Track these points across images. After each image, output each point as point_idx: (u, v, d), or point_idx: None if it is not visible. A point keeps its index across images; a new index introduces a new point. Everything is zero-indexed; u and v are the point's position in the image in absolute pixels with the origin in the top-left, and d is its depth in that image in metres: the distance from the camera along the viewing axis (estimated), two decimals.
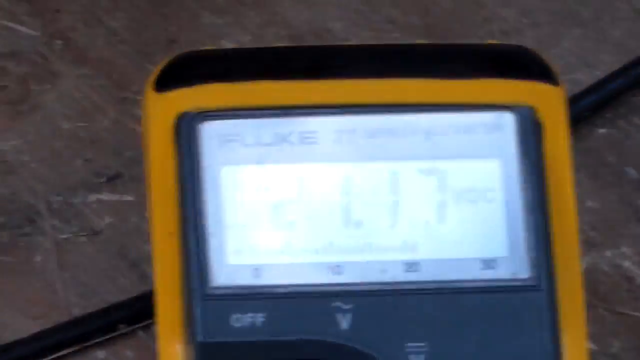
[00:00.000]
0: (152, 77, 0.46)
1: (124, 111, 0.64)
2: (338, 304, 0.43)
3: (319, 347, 0.43)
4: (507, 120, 0.45)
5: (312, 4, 0.69)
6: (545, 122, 0.46)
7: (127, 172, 0.62)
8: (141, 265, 0.57)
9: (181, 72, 0.46)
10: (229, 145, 0.44)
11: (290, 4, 0.70)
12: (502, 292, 0.44)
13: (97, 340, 0.59)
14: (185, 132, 0.44)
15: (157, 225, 0.45)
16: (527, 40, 0.67)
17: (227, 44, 0.67)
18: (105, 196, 0.61)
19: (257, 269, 0.43)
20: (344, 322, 0.43)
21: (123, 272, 0.60)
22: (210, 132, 0.44)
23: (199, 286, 0.43)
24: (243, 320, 0.43)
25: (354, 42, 0.67)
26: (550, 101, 0.46)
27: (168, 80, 0.45)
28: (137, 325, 0.59)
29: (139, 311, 0.58)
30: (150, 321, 0.57)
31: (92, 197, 0.61)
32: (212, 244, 0.44)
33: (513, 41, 0.66)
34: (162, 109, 0.45)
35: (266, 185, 0.44)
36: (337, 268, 0.44)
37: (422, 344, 0.43)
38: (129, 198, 0.61)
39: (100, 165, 0.61)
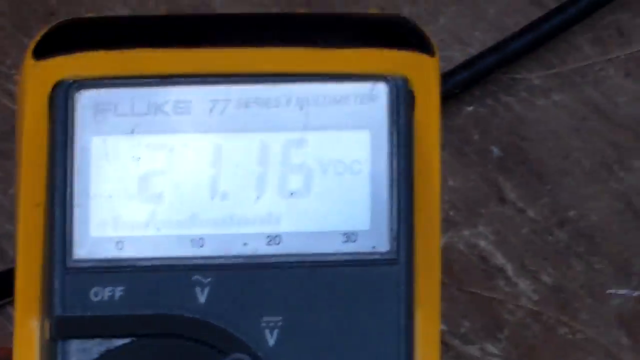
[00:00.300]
0: (31, 45, 0.45)
1: None
2: (197, 277, 0.44)
3: (175, 322, 0.43)
4: (380, 90, 0.45)
5: None
6: (417, 93, 0.45)
7: None
8: (1, 242, 0.57)
9: (60, 40, 0.45)
10: (103, 114, 0.44)
11: None
12: (361, 265, 0.44)
13: None
14: (59, 100, 0.44)
15: (24, 196, 0.45)
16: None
17: None
18: None
19: (119, 242, 0.44)
20: (202, 296, 0.43)
21: None
22: (85, 101, 0.44)
23: (60, 259, 0.43)
24: (102, 293, 0.43)
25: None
26: (424, 72, 0.46)
27: (47, 48, 0.45)
28: None
29: None
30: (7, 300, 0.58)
31: None
32: (77, 215, 0.43)
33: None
34: (38, 77, 0.45)
35: (136, 156, 0.44)
36: (199, 241, 0.44)
37: (278, 318, 0.43)
38: None
39: None
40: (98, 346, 0.43)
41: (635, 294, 0.61)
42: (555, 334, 0.63)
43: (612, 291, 0.62)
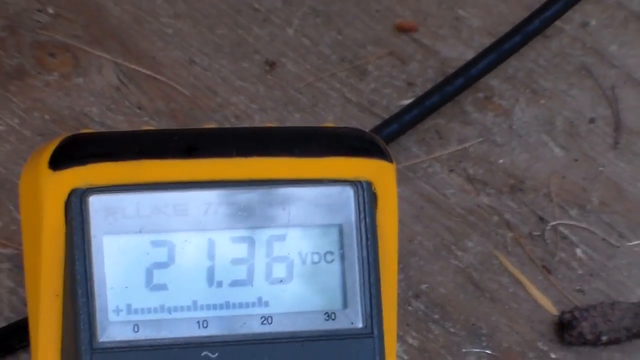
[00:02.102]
0: (45, 157, 0.48)
1: None
2: (206, 353, 0.48)
3: None
4: (349, 193, 0.50)
5: (69, 91, 0.71)
6: (379, 193, 0.50)
7: None
8: None
9: (72, 153, 0.48)
10: (113, 216, 0.48)
11: (50, 92, 0.71)
12: (341, 339, 0.49)
13: None
14: (75, 205, 0.48)
15: (44, 288, 0.48)
16: (256, 122, 0.71)
17: None
18: None
19: (135, 325, 0.48)
20: None
21: None
22: (97, 205, 0.48)
23: (87, 342, 0.47)
24: None
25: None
26: (384, 175, 0.50)
27: (60, 160, 0.48)
28: None
29: None
30: None
31: None
32: (97, 304, 0.47)
33: (246, 124, 0.71)
34: (55, 185, 0.48)
35: (142, 251, 0.48)
36: (204, 322, 0.48)
37: None
38: None
39: None
40: None
41: (487, 351, 0.65)
42: None
43: (467, 350, 0.65)
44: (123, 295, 0.49)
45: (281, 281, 0.50)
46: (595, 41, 0.78)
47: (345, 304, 0.50)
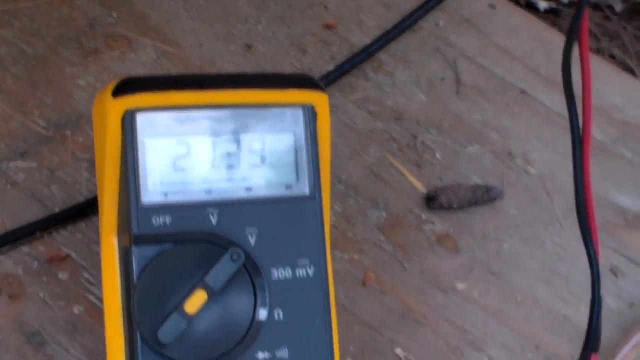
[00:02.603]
0: (109, 90, 0.46)
1: None
2: (210, 209, 0.46)
3: (198, 233, 0.46)
4: (299, 112, 0.48)
5: (125, 62, 0.69)
6: (318, 112, 0.48)
7: None
8: None
9: (127, 87, 0.46)
10: (151, 126, 0.46)
11: (113, 63, 0.70)
12: (296, 201, 0.47)
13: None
14: (127, 120, 0.46)
15: (108, 173, 0.47)
16: None
17: None
18: None
19: (165, 193, 0.46)
20: (214, 219, 0.46)
21: None
22: (141, 119, 0.46)
23: (135, 202, 0.45)
24: (159, 220, 0.45)
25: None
26: (321, 102, 0.49)
27: (119, 91, 0.46)
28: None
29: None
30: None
31: None
32: (141, 180, 0.45)
33: None
34: (115, 108, 0.46)
35: (170, 148, 0.46)
36: (209, 191, 0.46)
37: (255, 229, 0.46)
38: None
39: None
40: (153, 249, 0.45)
41: (384, 213, 0.63)
42: None
43: (370, 212, 0.63)
44: (157, 175, 0.46)
45: (257, 165, 0.48)
46: (443, 34, 0.75)
47: (297, 179, 0.48)
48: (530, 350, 0.59)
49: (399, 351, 0.58)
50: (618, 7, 1.14)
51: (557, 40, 0.77)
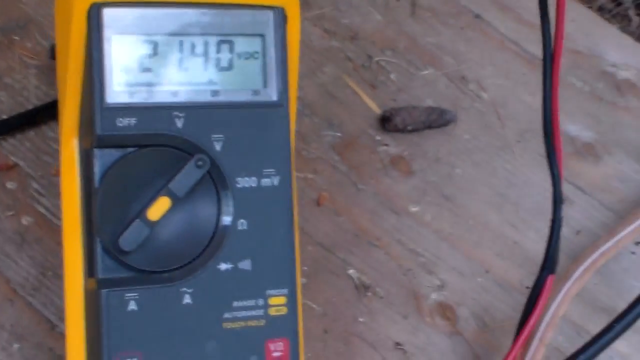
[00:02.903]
0: None
1: None
2: (176, 113, 0.44)
3: (164, 137, 0.44)
4: (269, 14, 0.46)
5: None
6: (288, 16, 0.47)
7: None
8: None
9: None
10: (119, 22, 0.44)
11: None
12: (264, 107, 0.46)
13: None
14: (93, 14, 0.44)
15: (71, 69, 0.45)
16: None
17: None
18: None
19: (131, 93, 0.44)
20: (180, 123, 0.44)
21: None
22: (108, 14, 0.44)
23: (99, 102, 0.43)
24: (123, 122, 0.43)
25: None
26: (292, 4, 0.47)
27: None
28: None
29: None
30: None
31: None
32: (106, 78, 0.44)
33: None
34: (81, 2, 0.44)
35: (136, 46, 0.44)
36: (175, 93, 0.45)
37: (222, 135, 0.45)
38: None
39: None
40: (117, 153, 0.43)
41: (338, 134, 0.63)
42: None
43: (325, 133, 0.63)
44: (123, 74, 0.44)
45: (225, 69, 0.46)
46: None
47: (265, 85, 0.47)
48: (481, 274, 0.60)
49: (352, 272, 0.58)
50: None
51: None
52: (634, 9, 1.09)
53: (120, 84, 0.44)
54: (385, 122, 0.64)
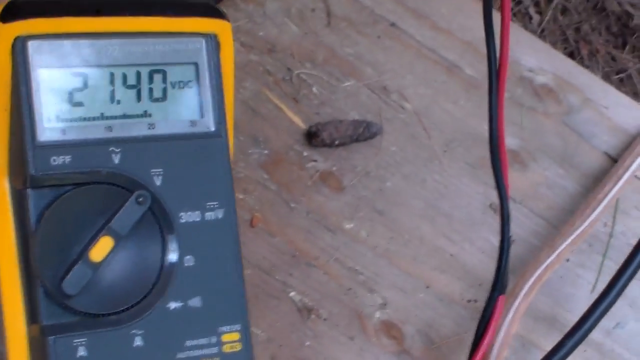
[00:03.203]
0: None
1: None
2: (112, 148, 0.43)
3: (101, 174, 0.43)
4: (202, 42, 0.46)
5: None
6: (221, 41, 0.46)
7: None
8: None
9: (14, 11, 0.42)
10: (45, 55, 0.43)
11: None
12: (201, 138, 0.45)
13: None
14: (19, 48, 0.42)
15: None
16: None
17: None
18: None
19: (63, 130, 0.43)
20: (116, 159, 0.43)
21: None
22: (34, 47, 0.42)
23: (30, 141, 0.42)
24: (57, 160, 0.42)
25: None
26: (224, 31, 0.47)
27: (8, 16, 0.42)
28: None
29: None
30: None
31: None
32: (37, 115, 0.42)
33: None
34: (5, 34, 0.42)
35: (66, 79, 0.43)
36: (109, 128, 0.44)
37: (160, 170, 0.44)
38: None
39: None
40: (52, 192, 0.42)
41: (265, 151, 0.62)
42: None
43: (252, 151, 0.62)
44: (53, 110, 0.43)
45: (159, 99, 0.45)
46: None
47: (202, 115, 0.46)
48: (422, 290, 0.60)
49: (293, 295, 0.57)
50: None
51: None
52: (533, 7, 1.11)
53: (52, 120, 0.43)
54: (312, 137, 0.63)
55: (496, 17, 0.60)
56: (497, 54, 0.57)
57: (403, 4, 0.75)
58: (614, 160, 0.72)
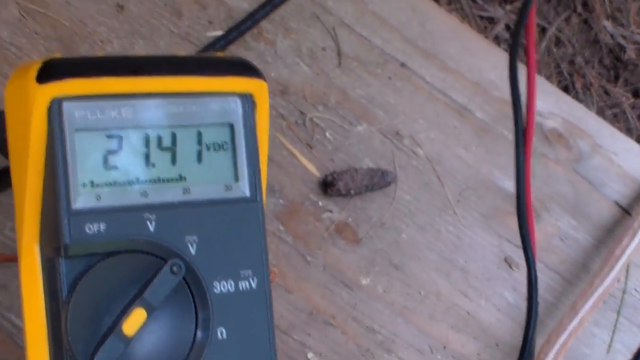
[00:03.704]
0: (32, 73, 0.41)
1: None
2: (147, 214, 0.42)
3: (136, 242, 0.42)
4: (238, 102, 0.45)
5: None
6: (257, 101, 0.46)
7: None
8: None
9: (51, 71, 0.41)
10: (81, 118, 0.41)
11: None
12: (237, 203, 0.44)
13: None
14: (55, 110, 0.41)
15: (31, 164, 0.42)
16: (114, 45, 0.65)
17: None
18: None
19: (98, 196, 0.41)
20: (152, 226, 0.42)
21: None
22: (70, 109, 0.41)
23: (65, 207, 0.41)
24: (92, 228, 0.41)
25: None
26: (260, 90, 0.46)
27: (44, 76, 0.41)
28: None
29: None
30: None
31: None
32: (71, 181, 0.41)
33: (108, 47, 0.65)
34: (41, 95, 0.41)
35: (101, 142, 0.42)
36: (145, 192, 0.42)
37: (195, 237, 0.43)
38: None
39: None
40: (85, 261, 0.41)
41: (281, 200, 0.61)
42: None
43: (267, 199, 0.61)
44: (88, 174, 0.42)
45: (194, 162, 0.44)
46: None
47: (236, 178, 0.45)
48: (439, 350, 0.59)
49: (311, 356, 0.56)
50: None
51: (431, 10, 0.77)
52: None
53: (87, 186, 0.42)
54: (328, 186, 0.63)
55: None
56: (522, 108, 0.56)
57: (412, 43, 0.74)
58: (624, 210, 0.72)
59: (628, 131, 1.10)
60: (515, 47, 0.52)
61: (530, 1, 0.49)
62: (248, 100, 0.45)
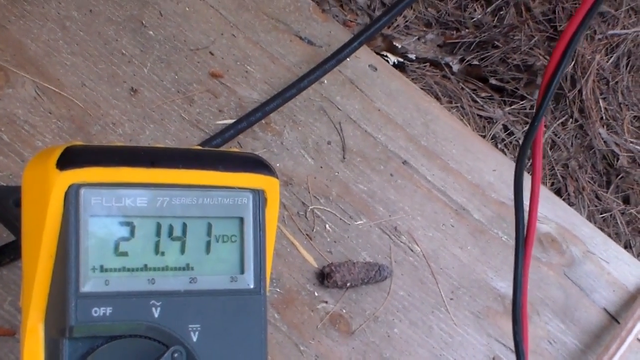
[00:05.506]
0: (52, 160, 0.42)
1: None
2: (153, 301, 0.43)
3: (140, 327, 0.42)
4: (249, 197, 0.46)
5: (2, 98, 0.65)
6: (268, 196, 0.47)
7: None
8: None
9: (71, 159, 0.42)
10: (97, 204, 0.42)
11: None
12: (241, 294, 0.45)
13: None
14: (72, 195, 0.42)
15: (43, 249, 0.42)
16: (126, 129, 0.67)
17: None
18: None
19: (107, 280, 0.42)
20: (156, 313, 0.43)
21: None
22: (87, 196, 0.42)
23: (74, 290, 0.41)
24: (99, 311, 0.42)
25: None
26: (272, 187, 0.47)
27: (64, 163, 0.42)
28: None
29: None
30: None
31: None
32: (82, 265, 0.42)
33: (119, 130, 0.67)
34: (61, 181, 0.42)
35: (113, 228, 0.43)
36: (152, 280, 0.43)
37: (198, 325, 0.44)
38: None
39: None
40: (88, 343, 0.41)
41: (277, 289, 0.61)
42: None
43: None
44: (99, 259, 0.43)
45: (202, 253, 0.45)
46: (328, 93, 0.75)
47: (242, 270, 0.46)
48: None
49: None
50: (455, 67, 1.17)
51: (435, 109, 0.79)
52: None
53: (97, 270, 0.42)
54: (325, 278, 0.63)
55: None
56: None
57: (415, 142, 0.76)
58: (612, 317, 0.73)
59: (617, 236, 1.12)
60: (521, 162, 0.53)
61: (539, 120, 0.50)
62: (260, 196, 0.46)
